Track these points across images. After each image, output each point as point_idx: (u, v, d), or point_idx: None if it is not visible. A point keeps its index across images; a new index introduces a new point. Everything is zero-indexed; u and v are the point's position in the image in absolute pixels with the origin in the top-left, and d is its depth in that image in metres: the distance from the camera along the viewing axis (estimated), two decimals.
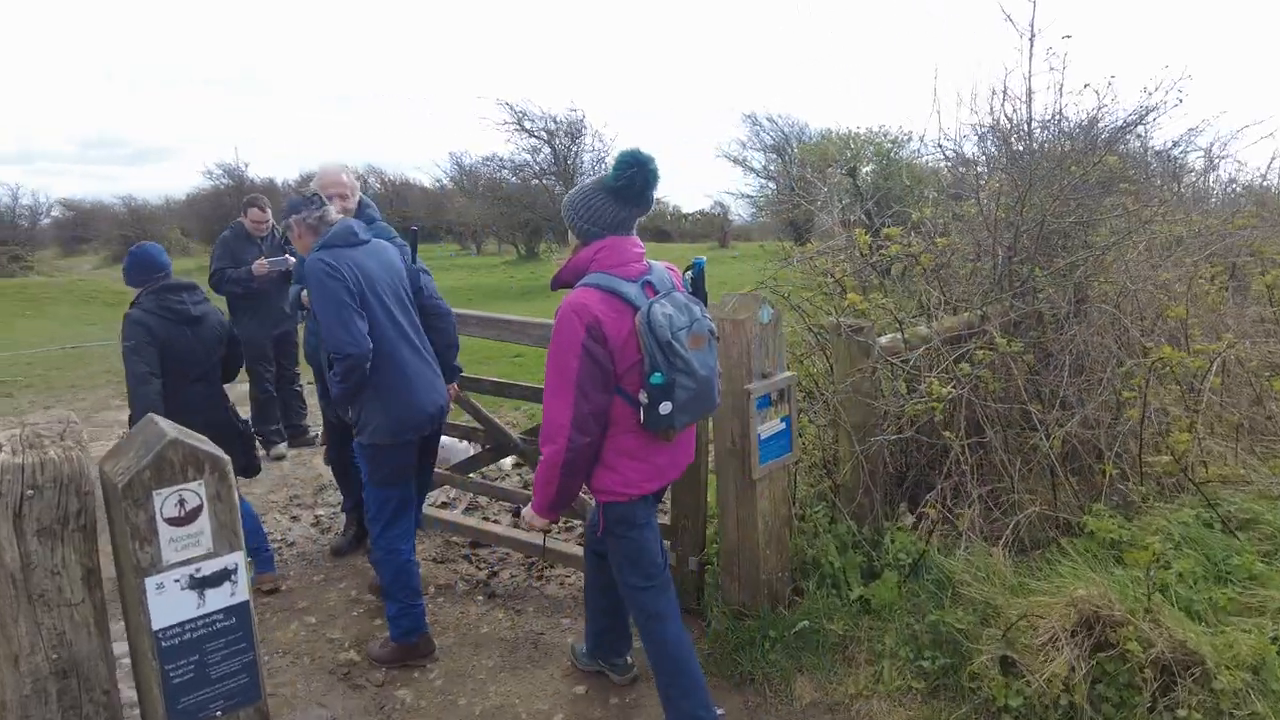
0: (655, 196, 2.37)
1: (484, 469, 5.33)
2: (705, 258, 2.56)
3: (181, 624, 1.68)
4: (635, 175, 2.28)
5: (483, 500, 5.05)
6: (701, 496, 3.31)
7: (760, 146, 30.17)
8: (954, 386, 3.45)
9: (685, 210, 40.12)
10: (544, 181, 20.71)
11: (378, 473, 3.12)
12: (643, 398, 2.29)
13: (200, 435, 1.75)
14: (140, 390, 3.43)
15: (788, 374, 3.08)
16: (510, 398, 3.79)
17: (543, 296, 17.56)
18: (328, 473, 4.89)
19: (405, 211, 39.53)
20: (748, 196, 31.51)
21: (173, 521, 1.63)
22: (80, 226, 35.50)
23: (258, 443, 6.04)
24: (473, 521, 4.14)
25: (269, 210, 6.03)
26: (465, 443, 4.67)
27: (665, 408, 2.26)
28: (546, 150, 20.33)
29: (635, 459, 2.40)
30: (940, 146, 4.63)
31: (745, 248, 30.90)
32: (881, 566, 3.22)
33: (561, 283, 2.42)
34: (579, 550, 3.77)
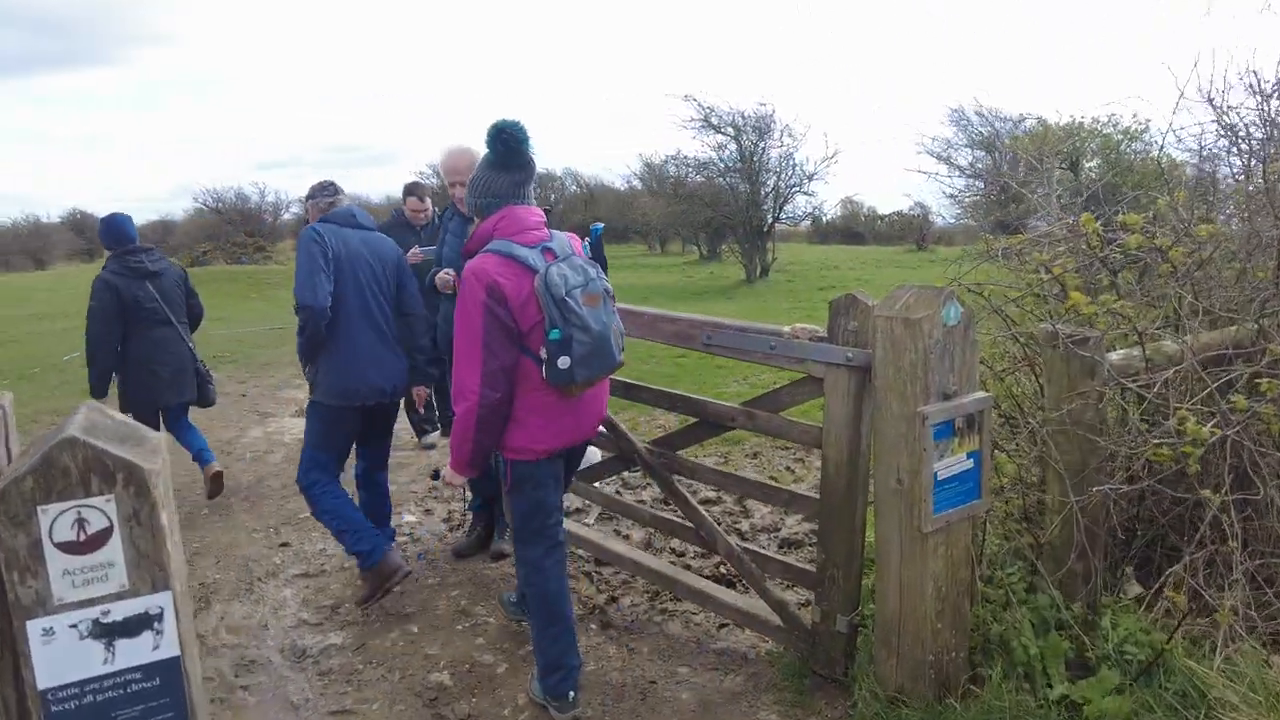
0: (533, 158, 2.58)
1: (622, 475, 4.90)
2: (602, 224, 2.76)
3: (80, 684, 1.29)
4: (504, 140, 2.50)
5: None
6: (857, 542, 2.65)
7: (968, 143, 27.93)
8: (1217, 425, 2.55)
9: (881, 211, 38.11)
10: (728, 180, 20.14)
11: (315, 431, 3.55)
12: (543, 353, 2.43)
13: (125, 430, 1.38)
14: (93, 348, 4.61)
15: (981, 395, 2.35)
16: (641, 402, 3.29)
17: (720, 298, 17.04)
18: None
19: (596, 213, 40.74)
20: (951, 196, 29.29)
21: (68, 548, 1.26)
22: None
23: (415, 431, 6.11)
24: (595, 536, 3.69)
25: (428, 200, 5.96)
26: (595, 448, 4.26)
27: (564, 362, 2.39)
28: (732, 147, 19.76)
29: (542, 417, 2.54)
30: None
31: (946, 252, 28.74)
32: (1097, 659, 2.41)
33: (469, 254, 2.58)
34: (708, 586, 3.22)
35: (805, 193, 20.20)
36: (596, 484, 3.73)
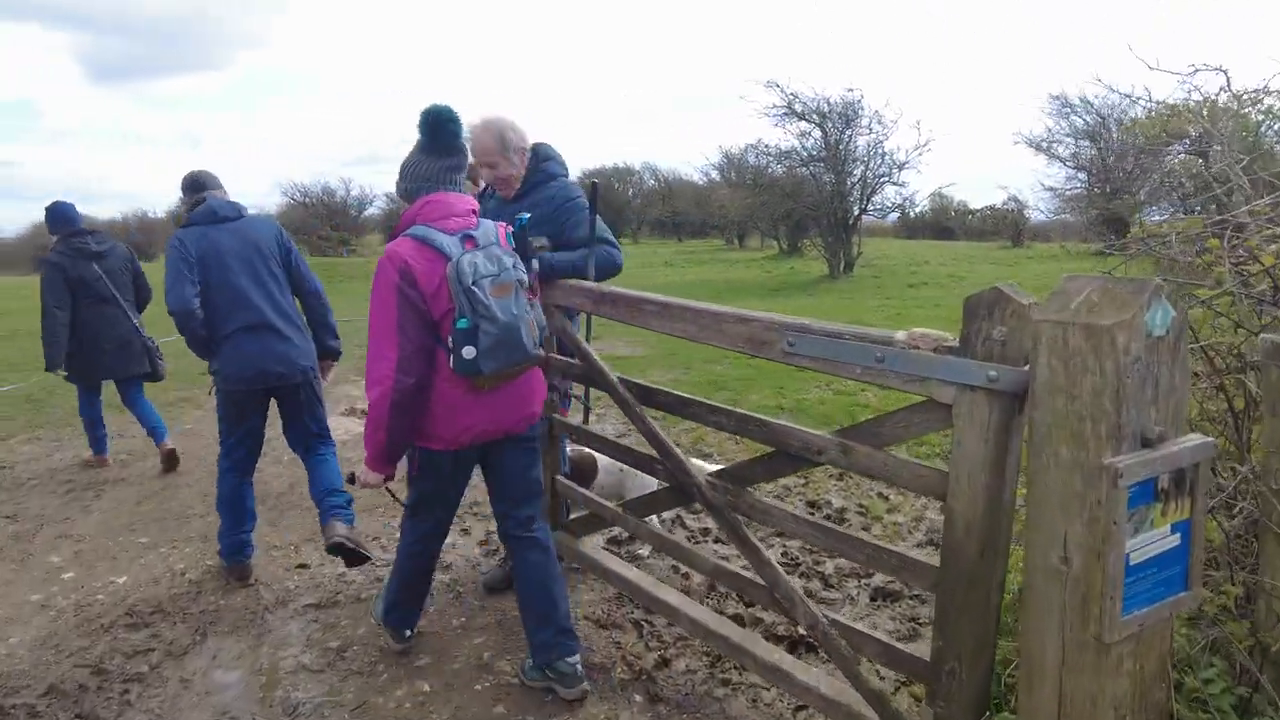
0: (465, 145, 2.60)
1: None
2: (528, 215, 2.70)
3: None
4: (436, 126, 2.51)
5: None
6: (990, 628, 1.94)
7: (1070, 132, 26.09)
8: None
9: (973, 206, 36.25)
10: (811, 169, 19.17)
11: (220, 418, 3.73)
12: (450, 342, 2.41)
13: None
14: (47, 321, 4.95)
15: (1195, 439, 1.60)
16: (701, 422, 2.62)
17: (801, 294, 16.14)
18: None
19: (675, 207, 40.10)
20: (1051, 189, 27.45)
21: None
22: (398, 216, 40.03)
23: None
24: (645, 582, 3.05)
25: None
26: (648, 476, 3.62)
27: (468, 352, 2.38)
28: (816, 135, 18.77)
29: (455, 409, 2.53)
30: None
31: (1043, 248, 26.98)
32: None
33: (393, 238, 2.55)
34: (784, 660, 2.53)
35: (895, 183, 19.07)
36: (649, 519, 3.08)
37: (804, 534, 2.32)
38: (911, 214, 30.10)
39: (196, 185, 3.77)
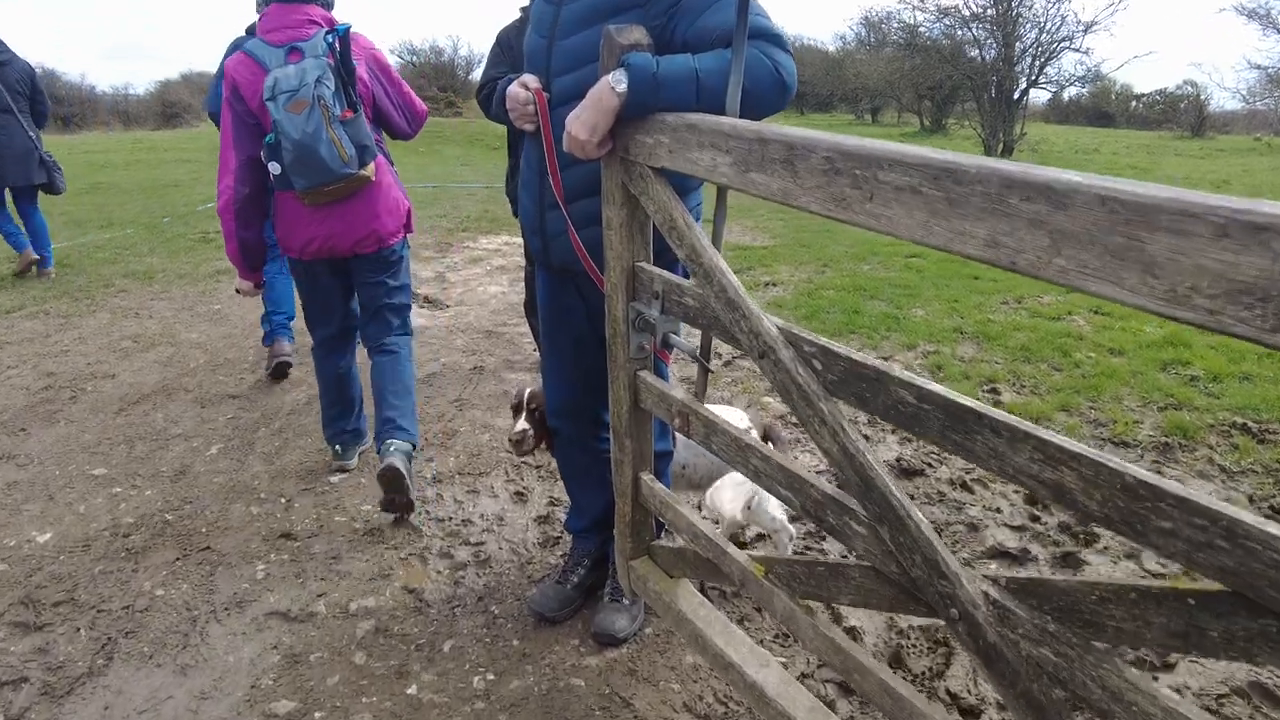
0: None
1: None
2: (350, 23, 2.66)
3: None
4: None
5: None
6: None
7: None
8: None
9: (1139, 90, 31.43)
10: (973, 30, 16.24)
11: None
12: (264, 156, 2.57)
13: None
14: None
15: None
16: (997, 471, 1.17)
17: None
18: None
19: (800, 75, 36.40)
20: (1260, 66, 22.99)
21: None
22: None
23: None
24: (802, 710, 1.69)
25: None
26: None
27: (274, 167, 2.56)
28: None
29: (294, 223, 2.71)
30: None
31: (1232, 141, 22.89)
32: None
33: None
34: None
35: (1077, 49, 15.94)
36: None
37: None
38: (1083, 91, 26.15)
39: None
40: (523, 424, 2.26)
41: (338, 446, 3.14)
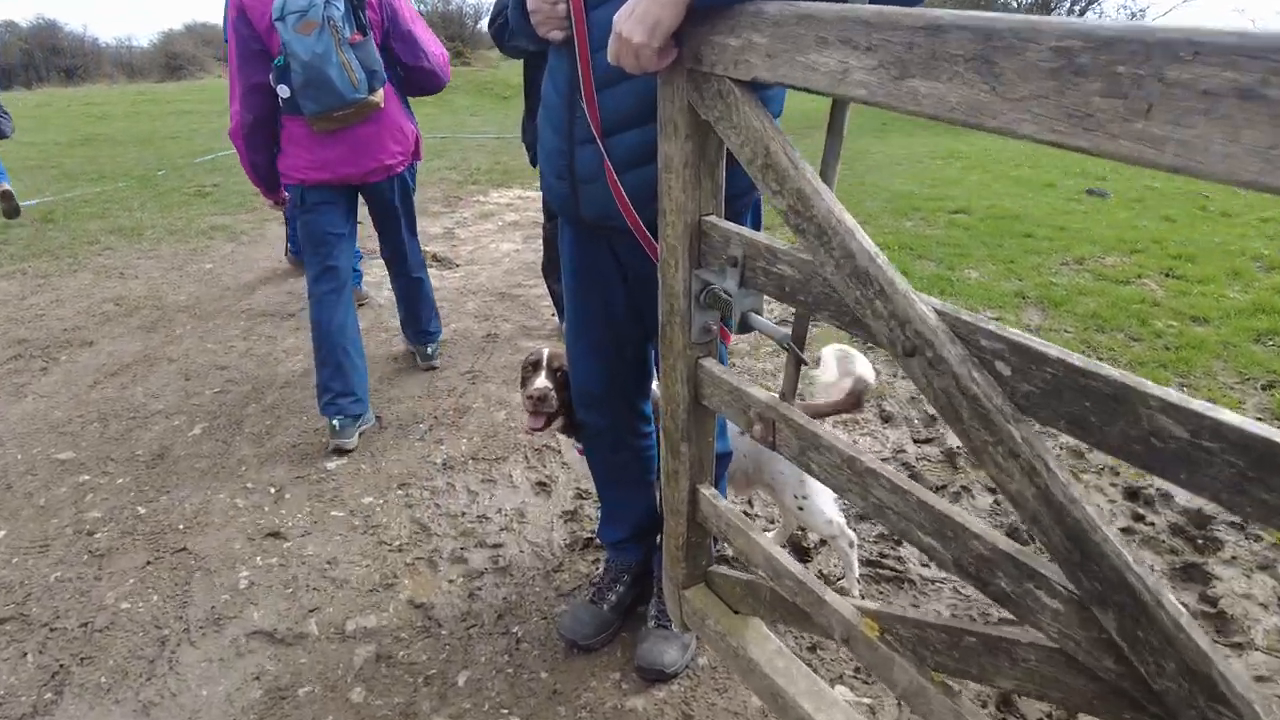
0: None
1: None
2: None
3: None
4: None
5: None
6: None
7: None
8: None
9: None
10: None
11: None
12: (272, 79, 2.52)
13: None
14: None
15: None
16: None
17: (947, 134, 13.20)
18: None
19: None
20: None
21: None
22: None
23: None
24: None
25: None
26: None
27: (283, 91, 2.52)
28: None
29: (301, 147, 2.68)
30: None
31: None
32: None
33: None
34: None
35: None
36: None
37: None
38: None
39: None
40: (544, 380, 1.85)
41: (336, 420, 2.78)
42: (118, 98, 16.60)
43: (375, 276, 4.49)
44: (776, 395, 1.26)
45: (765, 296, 1.22)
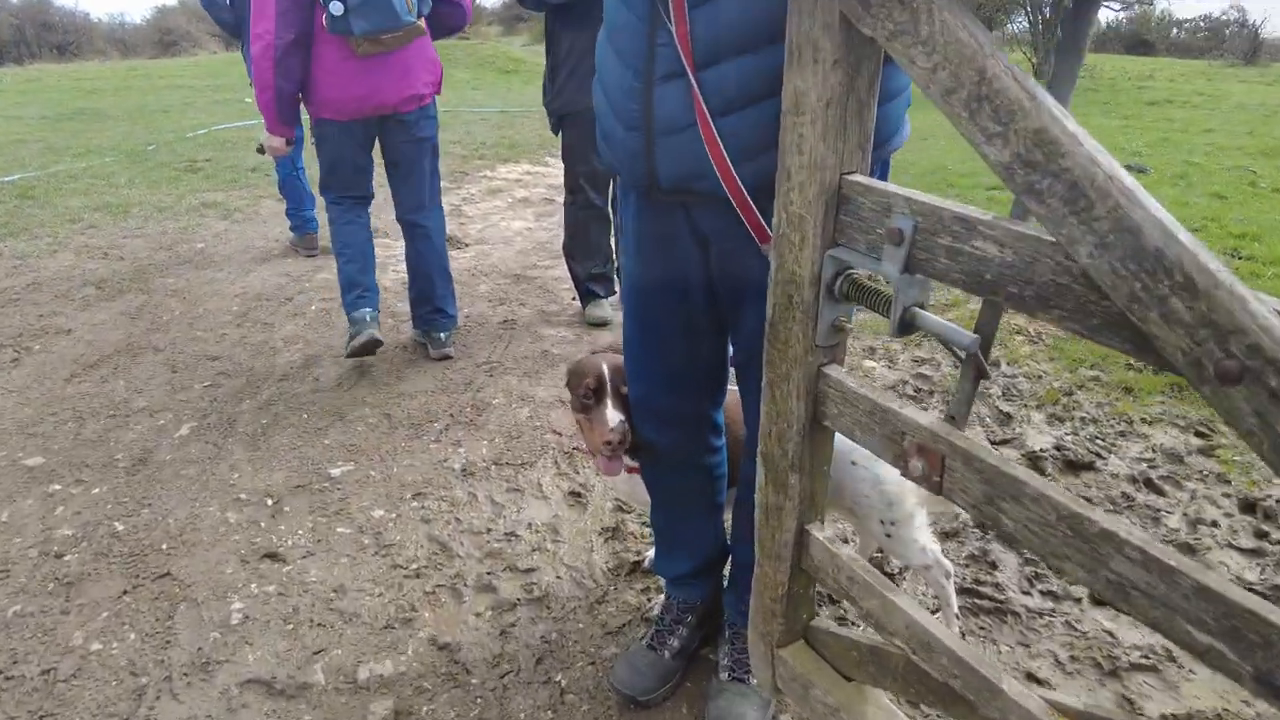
0: None
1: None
2: None
3: None
4: None
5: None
6: None
7: None
8: None
9: (1180, 16, 29.60)
10: None
11: None
12: None
13: None
14: None
15: None
16: None
17: None
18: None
19: None
20: None
21: None
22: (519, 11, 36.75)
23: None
24: None
25: None
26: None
27: (336, 7, 2.44)
28: None
29: (335, 75, 2.61)
30: None
31: None
32: None
33: None
34: None
35: None
36: None
37: None
38: (1120, 17, 24.53)
39: None
40: (615, 414, 1.52)
41: (368, 312, 2.89)
42: (109, 73, 16.12)
43: (380, 257, 4.15)
44: (942, 418, 0.94)
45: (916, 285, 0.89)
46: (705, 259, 1.30)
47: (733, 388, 1.51)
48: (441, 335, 3.11)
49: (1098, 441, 2.55)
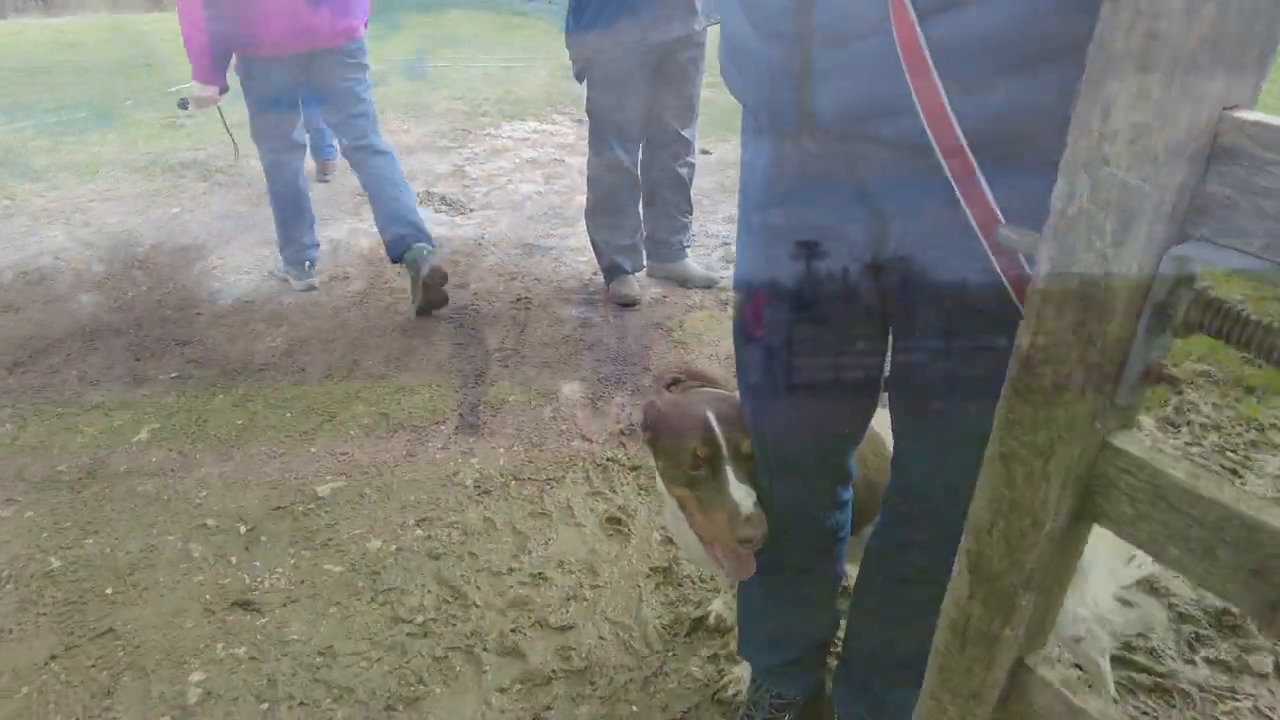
0: None
1: None
2: None
3: None
4: None
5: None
6: None
7: None
8: None
9: None
10: None
11: None
12: None
13: None
14: None
15: None
16: None
17: None
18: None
19: None
20: None
21: None
22: None
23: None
24: None
25: None
26: None
27: None
28: None
29: (269, 14, 2.52)
30: None
31: None
32: None
33: None
34: None
35: None
36: None
37: None
38: None
39: None
40: (747, 493, 1.06)
41: (306, 263, 3.06)
42: (93, 26, 15.41)
43: (365, 246, 3.70)
44: None
45: None
46: (874, 239, 0.87)
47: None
48: (425, 250, 2.86)
49: (1229, 455, 2.15)
